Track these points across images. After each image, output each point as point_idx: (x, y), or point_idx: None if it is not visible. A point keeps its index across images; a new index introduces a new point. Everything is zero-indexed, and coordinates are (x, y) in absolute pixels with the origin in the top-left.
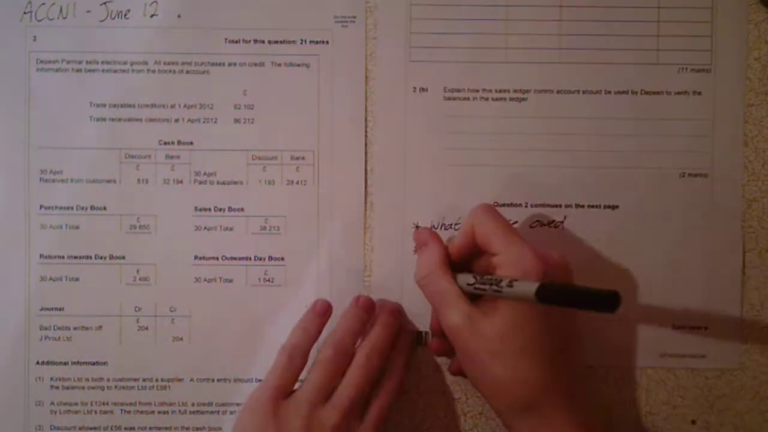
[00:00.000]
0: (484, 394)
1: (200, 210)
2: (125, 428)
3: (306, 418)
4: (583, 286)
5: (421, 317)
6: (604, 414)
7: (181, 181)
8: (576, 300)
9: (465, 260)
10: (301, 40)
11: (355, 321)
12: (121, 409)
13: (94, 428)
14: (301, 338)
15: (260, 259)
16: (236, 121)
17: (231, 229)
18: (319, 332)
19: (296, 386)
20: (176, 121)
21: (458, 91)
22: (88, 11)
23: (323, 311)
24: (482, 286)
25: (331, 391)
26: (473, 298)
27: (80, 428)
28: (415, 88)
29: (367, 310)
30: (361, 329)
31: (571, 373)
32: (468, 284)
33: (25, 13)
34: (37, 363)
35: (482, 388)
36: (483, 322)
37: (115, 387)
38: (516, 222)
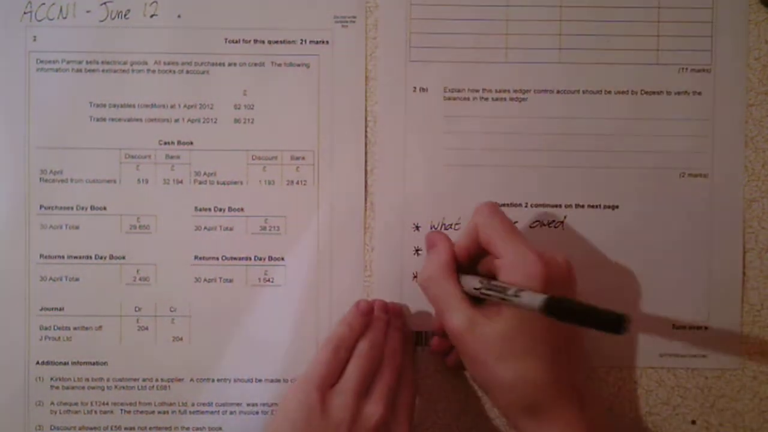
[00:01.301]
0: (489, 395)
1: (200, 210)
2: (125, 428)
3: (353, 412)
4: (591, 304)
5: (421, 317)
6: (607, 414)
7: (181, 181)
8: (583, 319)
9: (472, 260)
10: (301, 40)
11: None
12: (121, 409)
13: (94, 428)
14: (346, 332)
15: (260, 259)
16: (236, 121)
17: (231, 229)
18: (363, 330)
19: None
20: (176, 121)
21: (458, 91)
22: (88, 11)
23: (367, 311)
24: (488, 292)
25: (370, 384)
26: (479, 299)
27: (80, 428)
28: (414, 88)
29: (397, 314)
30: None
31: (574, 373)
32: (474, 288)
33: (25, 13)
34: (37, 363)
35: (487, 389)
36: (485, 325)
37: (115, 387)
38: (516, 222)
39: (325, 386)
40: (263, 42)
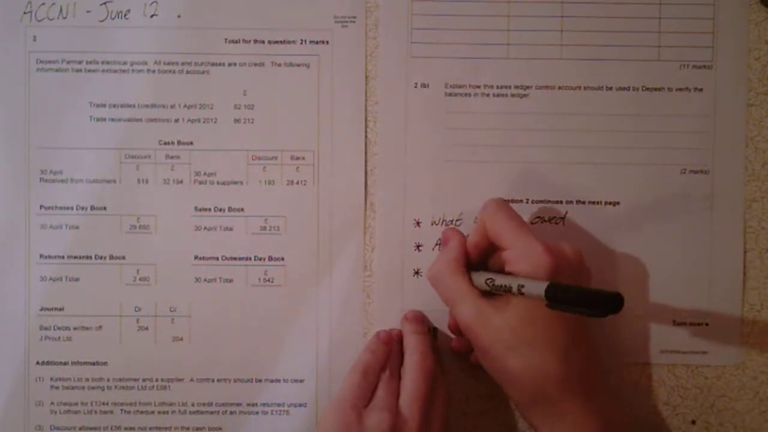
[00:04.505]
0: (503, 387)
1: (200, 210)
2: (125, 428)
3: (390, 424)
4: (586, 288)
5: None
6: (626, 410)
7: (181, 181)
8: (579, 302)
9: (483, 256)
10: (301, 40)
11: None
12: (121, 409)
13: (94, 428)
14: (371, 359)
15: (260, 259)
16: (236, 121)
17: (231, 229)
18: (386, 357)
19: None
20: (176, 121)
21: (459, 87)
22: (88, 11)
23: (387, 340)
24: (497, 284)
25: (396, 402)
26: (491, 294)
27: (80, 428)
28: (416, 84)
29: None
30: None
31: (587, 367)
32: (485, 282)
33: (25, 13)
34: (37, 363)
35: (500, 380)
36: (494, 316)
37: (115, 387)
38: None
39: (360, 405)
40: (263, 42)
